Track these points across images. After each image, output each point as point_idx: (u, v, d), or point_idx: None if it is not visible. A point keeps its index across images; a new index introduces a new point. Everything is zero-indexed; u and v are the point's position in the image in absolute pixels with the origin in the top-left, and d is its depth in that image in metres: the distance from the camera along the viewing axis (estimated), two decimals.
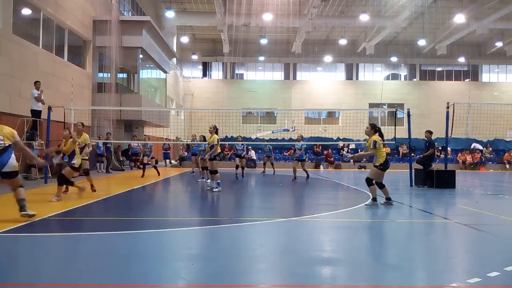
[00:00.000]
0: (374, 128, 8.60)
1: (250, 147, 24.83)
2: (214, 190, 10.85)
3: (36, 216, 6.27)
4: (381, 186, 8.47)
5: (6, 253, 4.70)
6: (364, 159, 28.12)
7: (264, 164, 19.46)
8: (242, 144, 17.01)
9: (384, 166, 8.35)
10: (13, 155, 6.05)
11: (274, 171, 19.07)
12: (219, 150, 11.15)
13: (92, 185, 10.17)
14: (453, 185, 12.43)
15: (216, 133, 11.14)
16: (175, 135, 30.06)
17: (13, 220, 6.08)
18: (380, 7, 28.72)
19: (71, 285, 3.64)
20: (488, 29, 30.08)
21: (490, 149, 28.30)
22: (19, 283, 3.68)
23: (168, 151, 25.79)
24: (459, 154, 27.42)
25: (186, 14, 30.71)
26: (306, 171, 15.54)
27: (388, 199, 8.49)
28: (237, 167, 16.46)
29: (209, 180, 12.11)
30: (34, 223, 6.20)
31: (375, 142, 8.34)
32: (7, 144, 5.96)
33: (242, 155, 17.05)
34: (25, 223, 6.10)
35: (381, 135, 8.57)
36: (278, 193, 11.88)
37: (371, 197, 8.46)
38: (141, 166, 16.35)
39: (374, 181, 8.36)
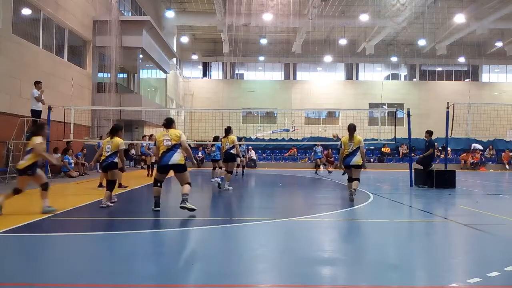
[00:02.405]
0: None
1: (250, 147, 24.89)
2: (224, 188, 11.16)
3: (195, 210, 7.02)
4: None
5: (6, 253, 4.70)
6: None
7: (319, 166, 20.66)
8: (245, 145, 17.96)
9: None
10: (177, 152, 7.14)
11: (329, 171, 20.13)
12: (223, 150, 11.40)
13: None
14: (453, 185, 12.42)
15: (226, 134, 11.37)
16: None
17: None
18: (380, 7, 28.69)
19: (71, 285, 3.64)
20: (488, 29, 30.04)
21: (493, 150, 28.29)
22: (19, 283, 3.68)
23: None
24: (463, 154, 27.37)
25: (186, 14, 30.68)
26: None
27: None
28: (238, 166, 17.42)
29: (217, 178, 12.41)
30: (34, 223, 6.20)
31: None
32: (173, 143, 7.15)
33: (243, 155, 18.09)
34: (25, 223, 6.11)
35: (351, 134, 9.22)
36: (278, 193, 11.88)
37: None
38: (145, 167, 16.64)
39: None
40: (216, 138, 13.99)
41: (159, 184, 7.33)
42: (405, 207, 9.12)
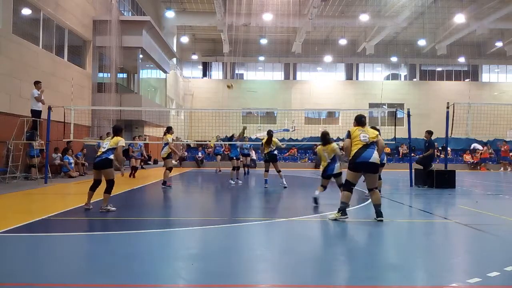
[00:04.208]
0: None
1: (250, 146, 24.86)
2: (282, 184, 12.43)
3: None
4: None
5: (6, 253, 4.69)
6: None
7: None
8: (249, 144, 18.25)
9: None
10: (376, 151, 6.62)
11: None
12: (265, 151, 12.87)
13: None
14: (453, 185, 12.42)
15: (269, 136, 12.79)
16: (175, 135, 30.02)
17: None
18: (380, 7, 28.70)
19: (71, 285, 3.64)
20: (488, 29, 30.06)
21: (491, 150, 28.28)
22: (19, 283, 3.68)
23: None
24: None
25: (186, 14, 30.70)
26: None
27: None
28: (245, 166, 17.83)
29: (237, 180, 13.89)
30: (34, 223, 6.20)
31: None
32: (371, 141, 6.62)
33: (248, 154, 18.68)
34: (25, 223, 6.10)
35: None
36: (278, 193, 11.86)
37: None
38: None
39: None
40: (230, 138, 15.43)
41: (352, 187, 6.66)
42: (405, 207, 9.11)
